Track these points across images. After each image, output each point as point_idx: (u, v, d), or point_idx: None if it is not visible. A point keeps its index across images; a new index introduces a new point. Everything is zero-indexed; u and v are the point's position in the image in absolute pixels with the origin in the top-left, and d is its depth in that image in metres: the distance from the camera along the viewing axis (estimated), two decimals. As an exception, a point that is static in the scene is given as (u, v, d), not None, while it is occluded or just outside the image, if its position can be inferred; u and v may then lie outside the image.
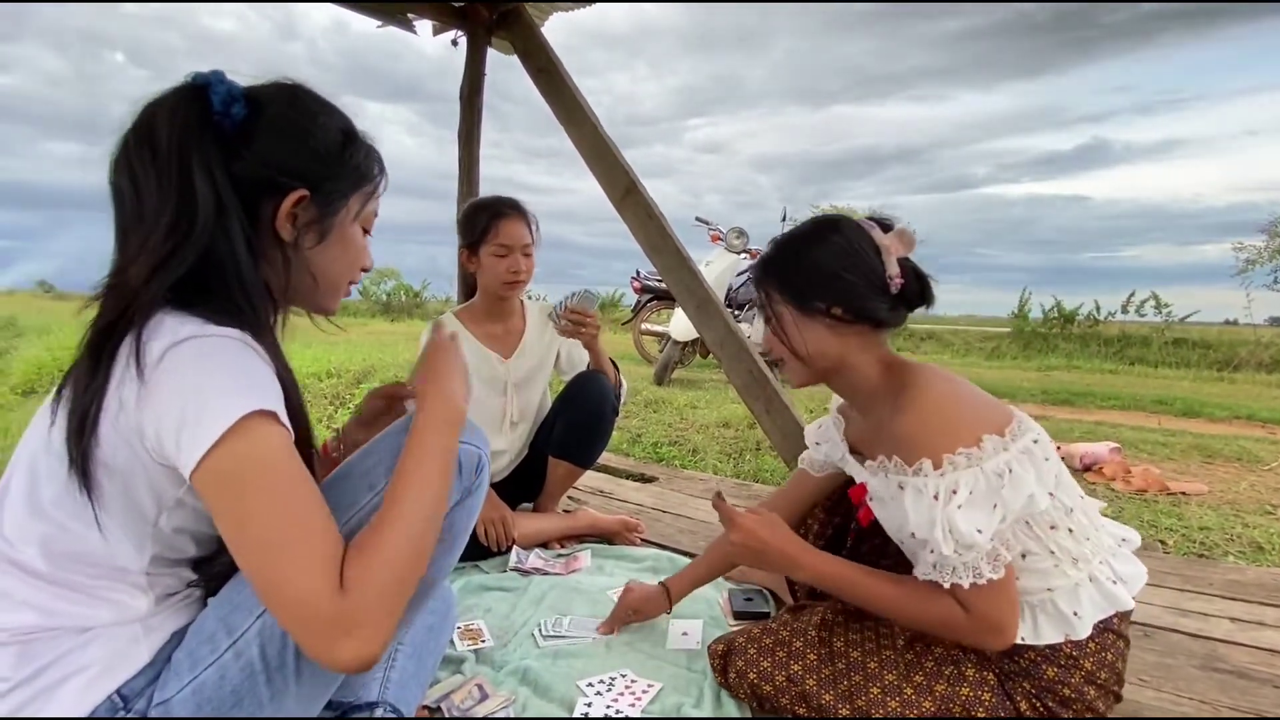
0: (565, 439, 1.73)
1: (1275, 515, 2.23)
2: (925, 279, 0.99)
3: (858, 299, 0.95)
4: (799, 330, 0.98)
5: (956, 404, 0.91)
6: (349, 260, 0.80)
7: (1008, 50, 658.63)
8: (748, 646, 1.05)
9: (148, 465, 0.63)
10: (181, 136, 0.66)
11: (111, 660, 0.67)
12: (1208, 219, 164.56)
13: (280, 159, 0.71)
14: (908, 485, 0.90)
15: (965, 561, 0.86)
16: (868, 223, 0.98)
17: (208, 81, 0.68)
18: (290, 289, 0.76)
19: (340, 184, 0.76)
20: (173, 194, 0.66)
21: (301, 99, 0.75)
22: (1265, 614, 1.42)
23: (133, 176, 0.67)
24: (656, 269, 2.23)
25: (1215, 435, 3.56)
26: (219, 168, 0.68)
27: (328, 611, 0.58)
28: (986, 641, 0.91)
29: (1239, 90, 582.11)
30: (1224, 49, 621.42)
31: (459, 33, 2.58)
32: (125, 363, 0.62)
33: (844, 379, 1.02)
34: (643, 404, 3.93)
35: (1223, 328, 10.11)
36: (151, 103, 0.68)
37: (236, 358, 0.64)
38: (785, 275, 1.00)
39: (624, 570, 1.59)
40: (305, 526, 0.61)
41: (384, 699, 0.91)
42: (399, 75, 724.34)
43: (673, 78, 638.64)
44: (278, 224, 0.72)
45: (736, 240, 5.22)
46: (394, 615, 0.63)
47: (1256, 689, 1.14)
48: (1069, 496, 0.94)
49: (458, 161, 2.68)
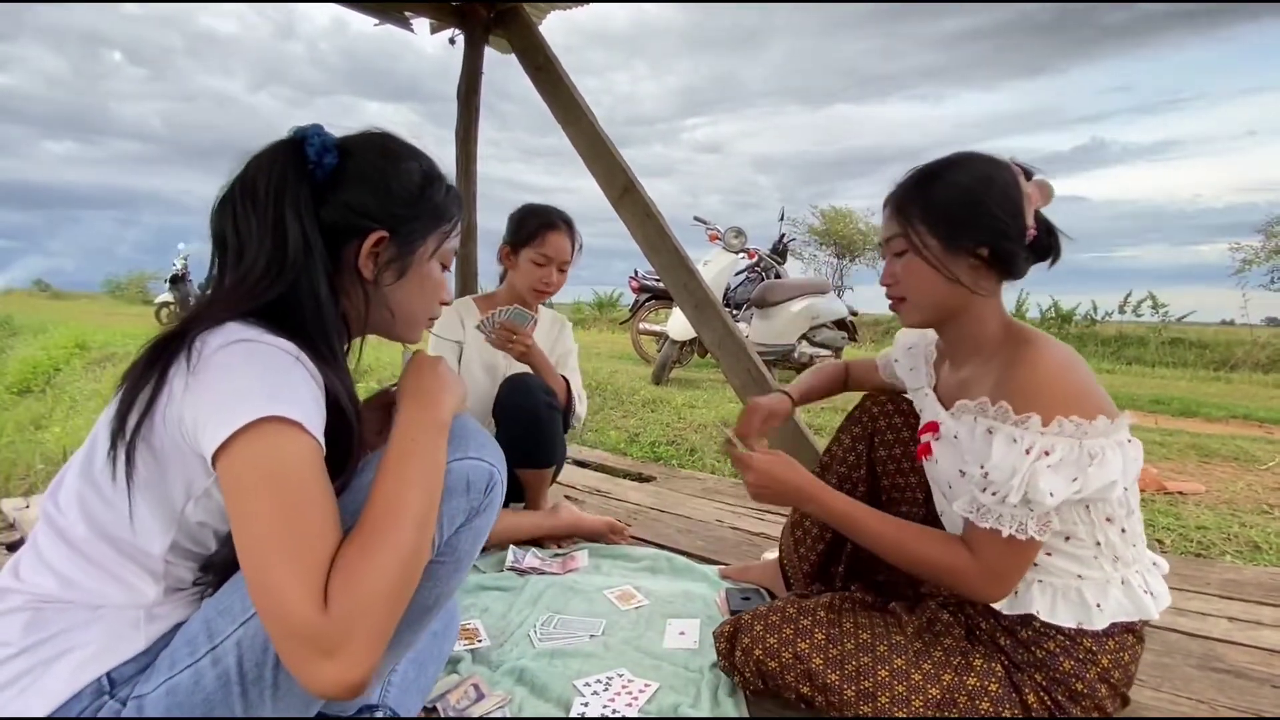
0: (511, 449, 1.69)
1: (1272, 515, 2.23)
2: (1056, 233, 0.96)
3: (1006, 241, 0.91)
4: (943, 267, 0.94)
5: (1082, 375, 0.88)
6: (427, 296, 0.85)
7: (1007, 50, 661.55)
8: (754, 624, 1.04)
9: (184, 452, 0.66)
10: (278, 185, 0.73)
11: (109, 642, 0.68)
12: (1206, 219, 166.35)
13: (363, 204, 0.77)
14: (1000, 431, 0.88)
15: (1016, 514, 0.86)
16: (1014, 166, 0.94)
17: (305, 135, 0.76)
18: (370, 322, 0.82)
19: (418, 225, 0.80)
20: (268, 238, 0.72)
21: (387, 146, 0.81)
22: (1262, 613, 1.42)
23: (235, 222, 0.73)
24: (654, 268, 2.23)
25: (1212, 435, 3.56)
26: (308, 213, 0.74)
27: (307, 627, 0.57)
28: (984, 589, 0.91)
29: (1238, 90, 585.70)
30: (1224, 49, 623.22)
31: (456, 31, 2.58)
32: (184, 354, 0.65)
33: (963, 325, 0.98)
34: (641, 403, 3.93)
35: (1219, 328, 10.15)
36: (255, 155, 0.76)
37: (280, 366, 0.66)
38: (934, 205, 0.94)
39: (621, 570, 1.59)
40: (302, 534, 0.60)
41: (384, 703, 0.90)
42: (398, 75, 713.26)
43: (672, 77, 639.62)
44: (360, 263, 0.78)
45: (735, 240, 5.21)
46: (378, 638, 0.60)
47: (1254, 688, 1.14)
48: (1134, 500, 0.93)
49: (455, 161, 2.68)
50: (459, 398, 0.81)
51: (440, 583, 0.78)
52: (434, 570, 0.76)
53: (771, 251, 5.82)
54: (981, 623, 0.99)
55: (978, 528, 0.89)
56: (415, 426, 0.73)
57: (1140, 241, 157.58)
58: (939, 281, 0.95)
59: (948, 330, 1.02)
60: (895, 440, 1.20)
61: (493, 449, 0.81)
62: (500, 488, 0.81)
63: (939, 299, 0.96)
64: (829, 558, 1.29)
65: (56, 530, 0.70)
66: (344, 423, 0.74)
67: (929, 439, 1.02)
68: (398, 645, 0.79)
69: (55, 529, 0.70)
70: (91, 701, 0.66)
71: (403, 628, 0.76)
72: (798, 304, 5.00)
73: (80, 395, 4.68)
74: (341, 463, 0.76)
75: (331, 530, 0.62)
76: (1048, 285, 10.59)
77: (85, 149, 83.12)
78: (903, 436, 1.20)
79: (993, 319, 0.97)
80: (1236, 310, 9.48)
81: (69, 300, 17.95)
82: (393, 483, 0.68)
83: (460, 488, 0.76)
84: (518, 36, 2.39)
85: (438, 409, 0.76)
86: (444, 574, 0.77)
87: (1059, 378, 0.87)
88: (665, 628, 1.29)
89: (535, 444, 1.70)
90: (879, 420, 1.22)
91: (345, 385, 0.75)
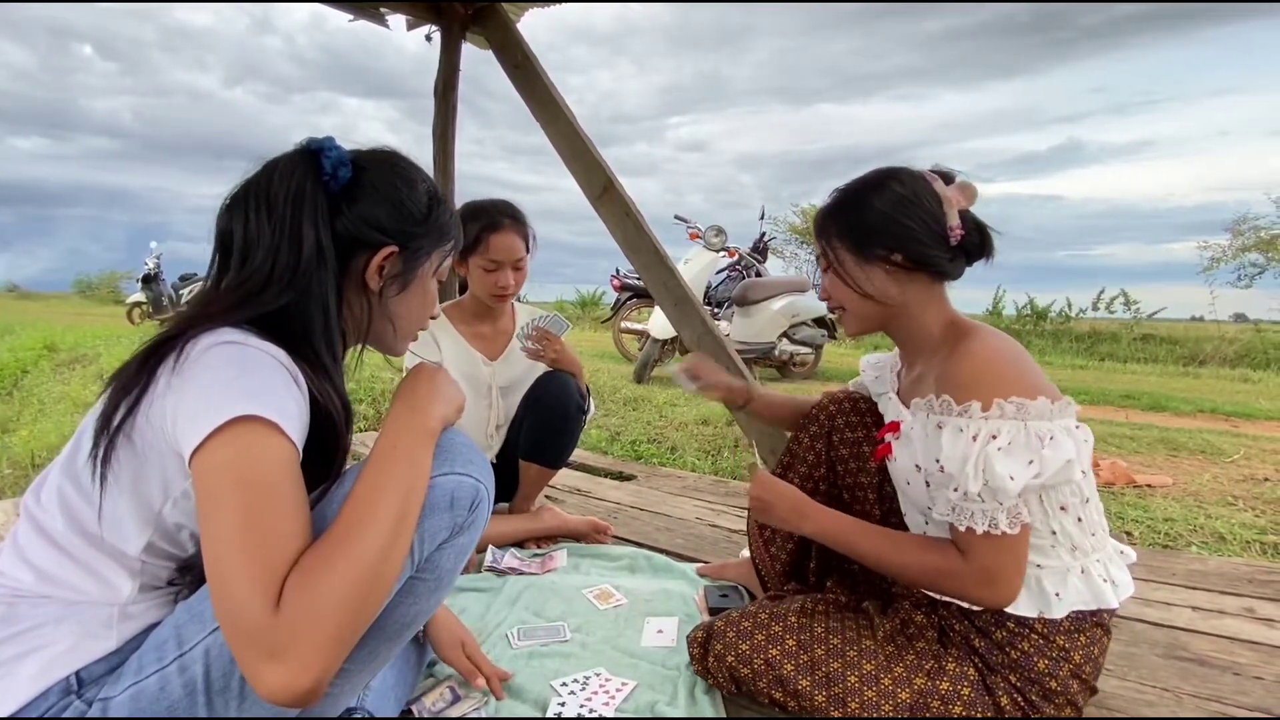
0: (534, 441, 1.70)
1: (1237, 507, 2.29)
2: (986, 231, 1.01)
3: (916, 246, 0.96)
4: (859, 276, 1.00)
5: (1018, 359, 0.92)
6: (423, 309, 0.88)
7: (987, 51, 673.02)
8: (726, 630, 1.05)
9: (163, 452, 0.66)
10: (297, 193, 0.75)
11: (80, 640, 0.68)
12: (1177, 218, 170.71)
13: (377, 218, 0.79)
14: (948, 424, 0.91)
15: (985, 509, 0.88)
16: (929, 174, 1.00)
17: (321, 147, 0.77)
18: (369, 332, 0.84)
19: (425, 242, 0.83)
20: (283, 243, 0.73)
21: (399, 165, 0.83)
22: (1225, 603, 1.46)
23: (245, 224, 0.74)
24: (634, 267, 2.23)
25: (1180, 429, 3.65)
26: (324, 223, 0.76)
27: (255, 627, 0.55)
28: (981, 594, 0.91)
29: (1211, 91, 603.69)
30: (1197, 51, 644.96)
31: (433, 28, 2.56)
32: (174, 354, 0.66)
33: (902, 327, 1.04)
34: (622, 402, 3.93)
35: (1189, 324, 10.39)
36: (271, 162, 0.77)
37: (262, 367, 0.67)
38: (846, 221, 1.01)
39: (599, 569, 1.59)
40: (264, 533, 0.59)
41: (361, 705, 0.89)
42: (378, 71, 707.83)
43: (656, 75, 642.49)
44: (367, 274, 0.80)
45: (715, 238, 5.23)
46: (333, 646, 0.57)
47: (1217, 676, 1.17)
48: (1089, 488, 0.95)
49: (433, 158, 2.65)
50: (453, 408, 0.80)
51: (420, 600, 0.76)
52: (414, 587, 0.75)
53: (752, 250, 5.84)
54: (956, 624, 0.99)
55: (959, 530, 0.91)
56: (399, 431, 0.72)
57: (1114, 240, 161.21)
58: (860, 290, 1.01)
59: (894, 333, 1.07)
60: (852, 438, 1.21)
61: (481, 465, 0.79)
62: (486, 505, 0.79)
63: (868, 308, 1.02)
64: (801, 554, 1.30)
65: (36, 525, 0.70)
66: (332, 433, 0.75)
67: (890, 439, 1.04)
68: (373, 660, 0.77)
69: (35, 524, 0.70)
70: (58, 700, 0.65)
71: (380, 643, 0.76)
72: (778, 302, 5.04)
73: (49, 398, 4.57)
74: (326, 473, 0.77)
75: (298, 534, 0.61)
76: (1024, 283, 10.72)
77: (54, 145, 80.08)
78: (858, 435, 1.21)
79: (934, 319, 1.01)
80: (1205, 307, 9.73)
81: (38, 300, 17.51)
82: (367, 487, 0.66)
83: (444, 504, 0.73)
84: (495, 34, 2.38)
85: (426, 416, 0.74)
86: (424, 591, 0.76)
87: (993, 362, 0.91)
88: (644, 626, 1.29)
89: (558, 443, 1.71)
90: (836, 418, 1.24)
91: (339, 394, 0.76)
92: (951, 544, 0.93)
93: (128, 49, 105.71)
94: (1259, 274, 9.75)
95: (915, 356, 1.06)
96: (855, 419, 1.22)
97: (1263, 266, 9.68)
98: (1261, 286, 9.79)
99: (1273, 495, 2.37)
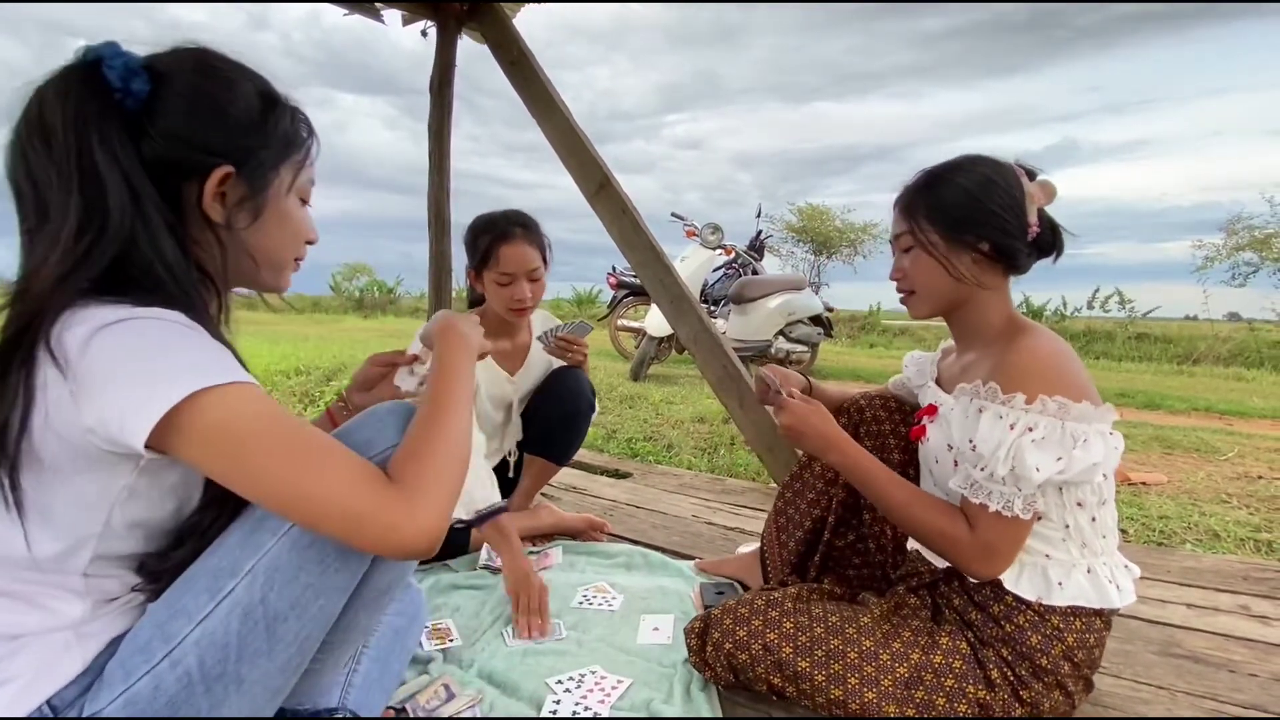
0: (544, 433, 1.70)
1: (1231, 504, 2.30)
2: (1059, 230, 1.02)
3: (1006, 238, 0.97)
4: (946, 261, 0.99)
5: (1071, 362, 0.94)
6: (289, 236, 0.75)
7: (984, 50, 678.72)
8: (723, 618, 1.05)
9: (94, 455, 0.60)
10: (77, 120, 0.60)
11: (40, 670, 0.64)
12: (1172, 217, 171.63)
13: (195, 135, 0.65)
14: (989, 409, 0.93)
15: (1004, 491, 0.90)
16: (1018, 168, 1.00)
17: (100, 55, 0.62)
18: (230, 273, 0.71)
19: (267, 155, 0.70)
20: (75, 186, 0.60)
21: (211, 64, 0.68)
22: (1220, 600, 1.46)
23: (29, 170, 0.61)
24: (630, 265, 2.22)
25: (1175, 427, 3.66)
26: (126, 151, 0.62)
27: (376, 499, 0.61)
28: (977, 564, 0.94)
29: (1206, 91, 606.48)
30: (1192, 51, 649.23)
31: (428, 23, 2.54)
32: (44, 364, 0.57)
33: (968, 315, 1.04)
34: (618, 400, 3.92)
35: (1183, 323, 10.42)
36: (40, 85, 0.62)
37: (175, 336, 0.60)
38: (939, 203, 1.00)
39: (595, 567, 1.58)
40: (317, 446, 0.62)
41: (344, 704, 0.88)
42: (374, 67, 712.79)
43: (654, 73, 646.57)
44: (205, 205, 0.67)
45: (711, 236, 5.23)
46: (450, 501, 0.66)
47: (1211, 673, 1.17)
48: (1108, 491, 0.98)
49: (428, 154, 2.64)
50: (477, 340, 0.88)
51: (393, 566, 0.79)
52: None
53: (749, 248, 5.84)
54: (955, 599, 1.02)
55: (971, 503, 0.93)
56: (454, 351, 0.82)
57: (1109, 239, 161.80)
58: (943, 275, 1.00)
59: (954, 320, 1.07)
60: (878, 430, 1.24)
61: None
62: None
63: (944, 291, 1.02)
64: (808, 548, 1.31)
65: None
66: None
67: (926, 421, 1.07)
68: (355, 630, 0.80)
69: None
70: None
71: (360, 611, 0.78)
72: (774, 300, 5.04)
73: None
74: None
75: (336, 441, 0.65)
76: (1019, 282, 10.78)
77: (47, 141, 78.78)
78: (884, 429, 1.23)
79: (996, 311, 1.02)
80: (1199, 306, 9.76)
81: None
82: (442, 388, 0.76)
83: None
84: (491, 30, 2.36)
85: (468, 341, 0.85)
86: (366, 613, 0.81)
87: (1047, 362, 0.92)
88: (639, 624, 1.29)
89: (567, 438, 1.71)
90: (865, 411, 1.26)
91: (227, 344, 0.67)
92: (961, 513, 0.96)
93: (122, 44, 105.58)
94: (1253, 273, 9.79)
95: (971, 345, 1.07)
96: (884, 414, 1.25)
97: (1256, 266, 9.72)
98: (1255, 286, 9.84)
99: (1266, 493, 2.38)
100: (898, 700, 0.93)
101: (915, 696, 0.94)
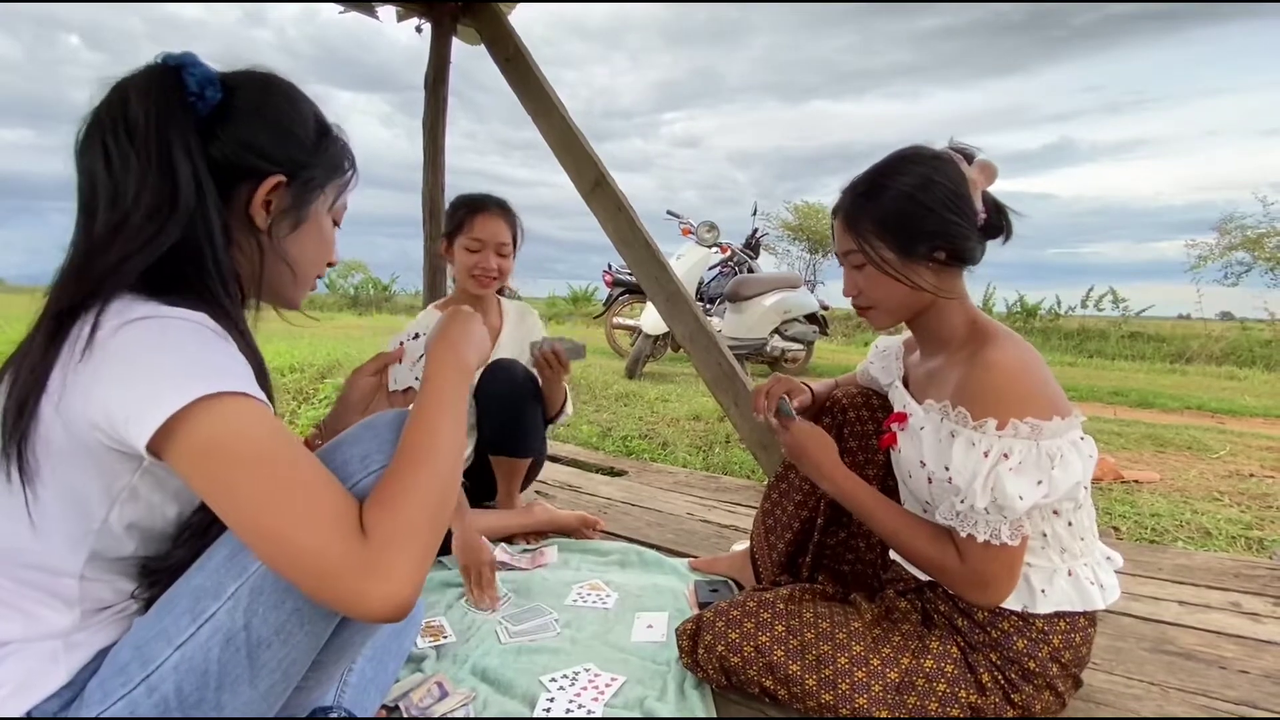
0: (493, 431, 1.68)
1: (1222, 502, 2.31)
2: (1004, 210, 0.97)
3: (961, 240, 0.93)
4: (901, 275, 0.95)
5: (1037, 375, 0.90)
6: (320, 252, 0.80)
7: (981, 49, 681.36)
8: (715, 620, 1.05)
9: (97, 451, 0.60)
10: (160, 116, 0.65)
11: (25, 679, 0.62)
12: (1167, 217, 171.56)
13: (259, 143, 0.70)
14: (960, 435, 0.90)
15: (990, 520, 0.88)
16: (955, 155, 0.95)
17: (181, 63, 0.67)
18: (263, 278, 0.75)
19: (317, 172, 0.75)
20: (154, 175, 0.64)
21: (278, 85, 0.74)
22: (1211, 597, 1.47)
23: (107, 156, 0.64)
24: (626, 262, 2.22)
25: (1168, 425, 3.68)
26: (197, 150, 0.67)
27: (345, 557, 0.56)
28: (970, 594, 0.93)
29: (1201, 91, 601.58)
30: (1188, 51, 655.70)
31: (423, 20, 2.53)
32: (73, 343, 0.59)
33: (929, 321, 1.01)
34: (614, 398, 3.92)
35: (1176, 322, 10.47)
36: (123, 81, 0.67)
37: (195, 339, 0.61)
38: (883, 218, 0.95)
39: (590, 565, 1.58)
40: (305, 483, 0.58)
41: (339, 703, 0.88)
42: (370, 64, 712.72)
43: (651, 71, 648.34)
44: (252, 210, 0.71)
45: (707, 234, 5.23)
46: (425, 558, 0.60)
47: (1203, 670, 1.18)
48: (1083, 494, 0.96)
49: (423, 152, 2.63)
50: (482, 354, 0.83)
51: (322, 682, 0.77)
52: None
53: (745, 246, 5.84)
54: (941, 605, 1.02)
55: (959, 535, 0.92)
56: (444, 370, 0.74)
57: (1104, 238, 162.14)
58: (901, 288, 0.97)
59: (917, 326, 1.05)
60: (861, 431, 1.23)
61: None
62: None
63: (905, 303, 0.99)
64: (798, 548, 1.31)
65: None
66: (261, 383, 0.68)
67: (896, 428, 1.05)
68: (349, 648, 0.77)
69: None
70: None
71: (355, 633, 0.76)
72: (770, 298, 5.04)
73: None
74: None
75: (325, 470, 0.61)
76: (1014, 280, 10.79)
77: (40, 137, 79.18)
78: (867, 429, 1.22)
79: (957, 313, 0.99)
80: (1192, 305, 9.80)
81: (21, 294, 17.29)
82: (425, 421, 0.68)
83: None
84: (487, 27, 2.36)
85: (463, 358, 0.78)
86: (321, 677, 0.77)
87: (1014, 380, 0.89)
88: (633, 621, 1.29)
89: (516, 430, 1.69)
90: (848, 411, 1.25)
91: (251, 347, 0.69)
92: (952, 541, 0.94)
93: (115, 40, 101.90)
94: (1245, 272, 9.83)
95: (936, 350, 1.04)
96: (866, 413, 1.23)
97: (1249, 265, 9.76)
98: (1247, 285, 9.88)
99: (1258, 490, 2.40)
100: (889, 706, 0.93)
101: (907, 702, 0.93)
